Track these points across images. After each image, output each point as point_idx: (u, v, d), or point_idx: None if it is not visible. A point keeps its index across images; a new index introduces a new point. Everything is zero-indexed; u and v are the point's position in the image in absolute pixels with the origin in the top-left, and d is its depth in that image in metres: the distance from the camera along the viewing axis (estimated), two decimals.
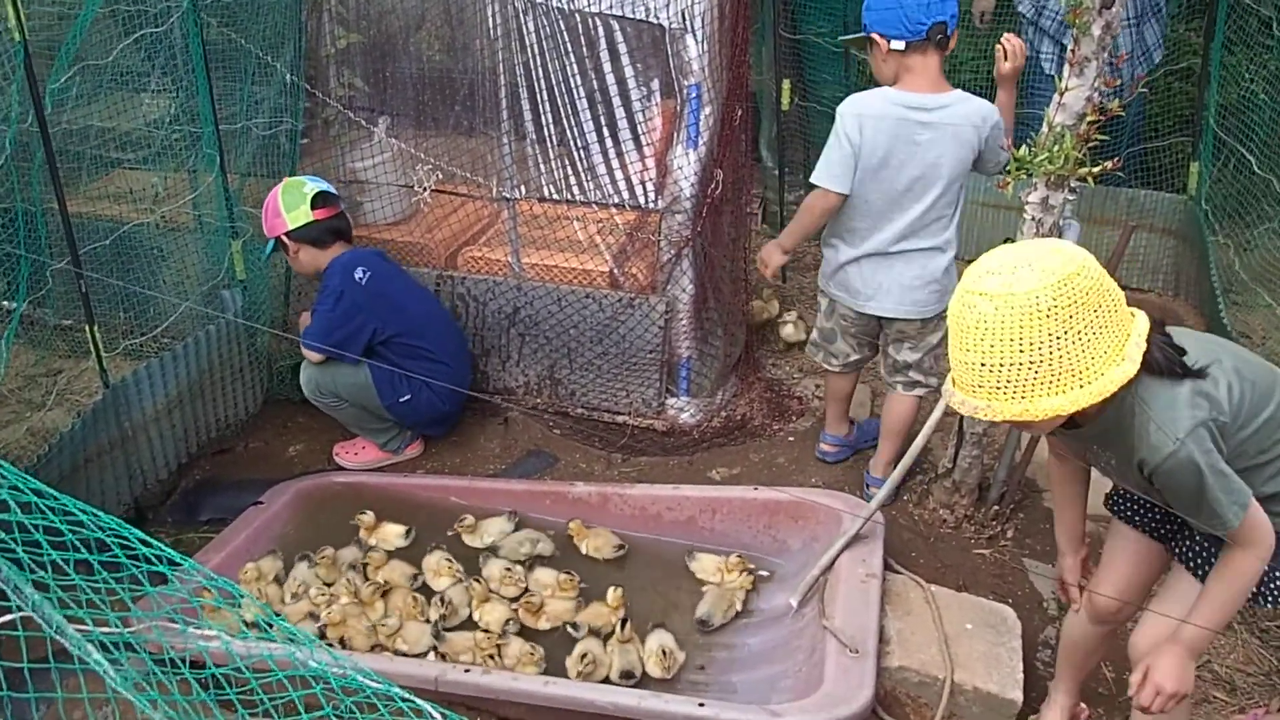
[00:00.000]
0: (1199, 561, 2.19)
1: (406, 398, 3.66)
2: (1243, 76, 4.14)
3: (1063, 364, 1.76)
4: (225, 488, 3.71)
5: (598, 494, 3.38)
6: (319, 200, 3.61)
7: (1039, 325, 1.73)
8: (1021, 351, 1.75)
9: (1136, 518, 2.39)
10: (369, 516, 3.35)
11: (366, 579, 3.09)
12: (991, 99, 3.12)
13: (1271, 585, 2.13)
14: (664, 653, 2.79)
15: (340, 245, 3.68)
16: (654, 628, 2.89)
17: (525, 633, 2.95)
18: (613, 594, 2.97)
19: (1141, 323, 1.85)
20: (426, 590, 3.11)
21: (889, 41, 2.98)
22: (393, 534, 3.35)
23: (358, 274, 3.55)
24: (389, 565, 3.20)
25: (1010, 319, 1.75)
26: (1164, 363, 1.88)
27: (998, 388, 1.80)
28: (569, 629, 2.94)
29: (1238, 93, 4.12)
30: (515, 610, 3.00)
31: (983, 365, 1.79)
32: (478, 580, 3.05)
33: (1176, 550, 2.29)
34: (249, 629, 2.41)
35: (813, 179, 3.14)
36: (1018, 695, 2.59)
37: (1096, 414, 1.92)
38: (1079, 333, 1.75)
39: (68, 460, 3.09)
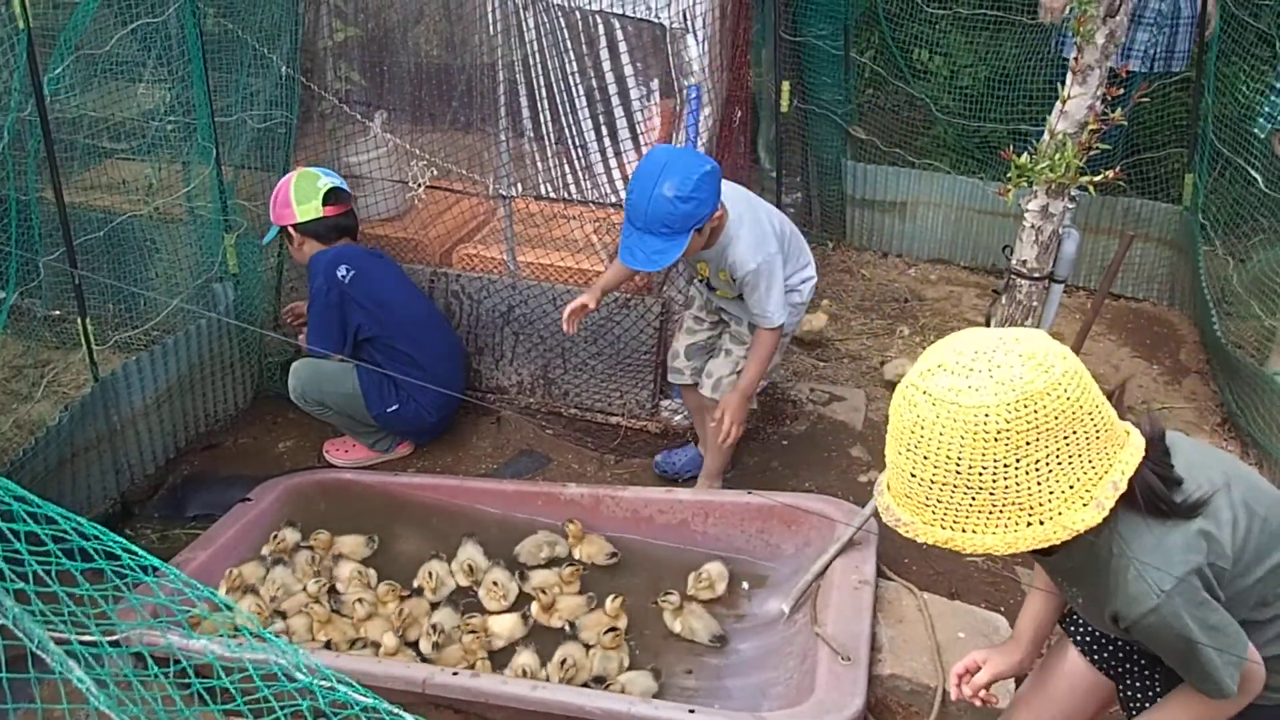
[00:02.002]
0: (1145, 707, 1.90)
1: (394, 407, 3.64)
2: (1238, 88, 4.13)
3: (1007, 497, 1.45)
4: (213, 484, 3.68)
5: (590, 496, 3.35)
6: (331, 197, 3.59)
7: (983, 448, 1.43)
8: (958, 474, 1.45)
9: (1094, 647, 2.04)
10: (325, 536, 3.27)
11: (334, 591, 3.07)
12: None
13: None
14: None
15: (344, 242, 3.66)
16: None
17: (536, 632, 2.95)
18: (611, 604, 2.93)
19: (1130, 453, 1.52)
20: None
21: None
22: (353, 544, 3.30)
23: (340, 271, 3.53)
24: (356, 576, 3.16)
25: (950, 433, 1.44)
26: (1151, 501, 1.56)
27: (924, 505, 1.51)
28: (568, 627, 2.93)
29: (1234, 103, 4.12)
30: (527, 613, 2.97)
31: (912, 476, 1.50)
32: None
33: (1124, 692, 1.98)
34: (234, 640, 2.38)
35: (771, 323, 3.09)
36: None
37: (1063, 547, 1.59)
38: (1035, 463, 1.43)
39: (54, 454, 3.06)
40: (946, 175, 5.07)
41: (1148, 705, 1.89)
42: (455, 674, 2.63)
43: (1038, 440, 1.43)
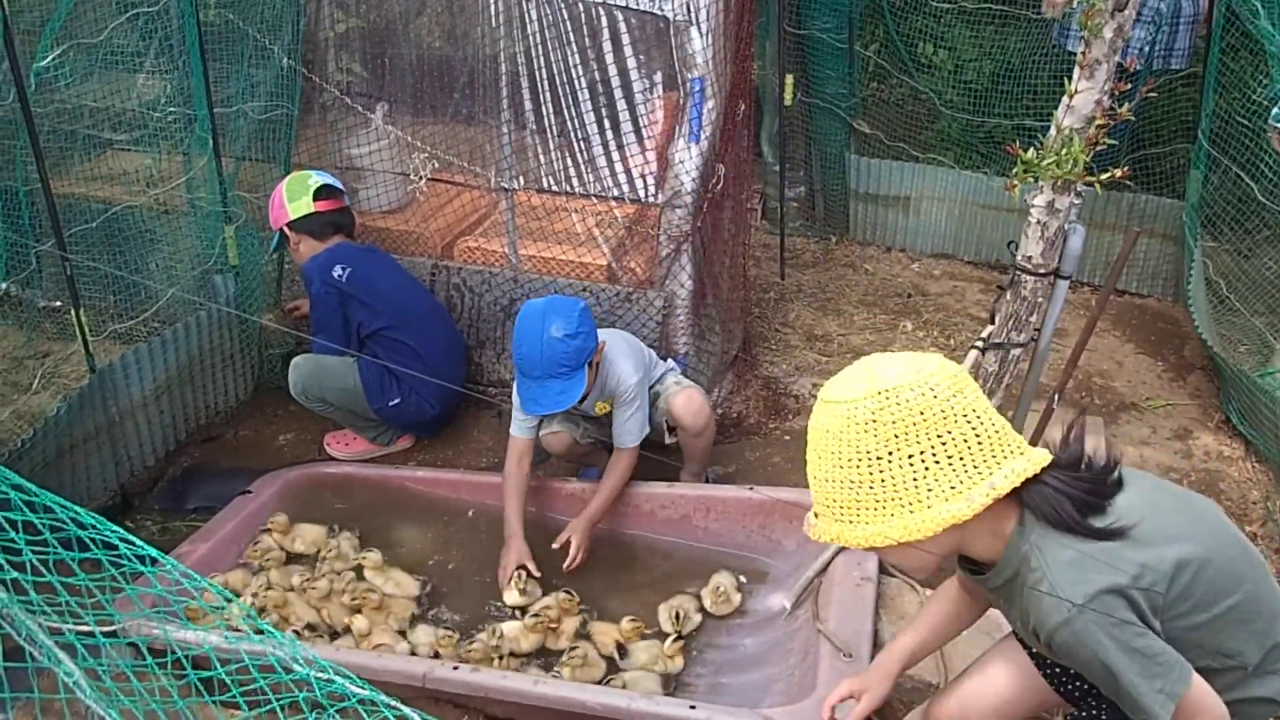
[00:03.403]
0: None
1: (396, 401, 3.63)
2: (1245, 84, 4.11)
3: (886, 491, 1.54)
4: (214, 476, 3.66)
5: (591, 490, 3.33)
6: (322, 193, 3.60)
7: (856, 439, 1.54)
8: (840, 467, 1.57)
9: (1053, 673, 2.03)
10: (282, 518, 3.25)
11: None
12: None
13: None
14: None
15: (339, 239, 3.65)
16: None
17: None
18: (628, 623, 2.89)
19: (1023, 463, 1.57)
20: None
21: None
22: (311, 535, 3.27)
23: (335, 272, 3.54)
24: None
25: (831, 427, 1.57)
26: (1055, 515, 1.60)
27: (825, 505, 1.62)
28: (617, 654, 2.87)
29: (1240, 100, 4.09)
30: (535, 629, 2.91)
31: (813, 478, 1.64)
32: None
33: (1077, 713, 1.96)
34: (232, 632, 2.36)
35: (632, 444, 3.15)
36: None
37: (990, 560, 1.70)
38: (909, 457, 1.53)
39: (53, 445, 3.04)
40: (951, 170, 5.05)
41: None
42: (455, 668, 2.62)
43: (907, 434, 1.53)
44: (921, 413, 1.53)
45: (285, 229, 3.63)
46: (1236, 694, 1.72)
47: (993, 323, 3.05)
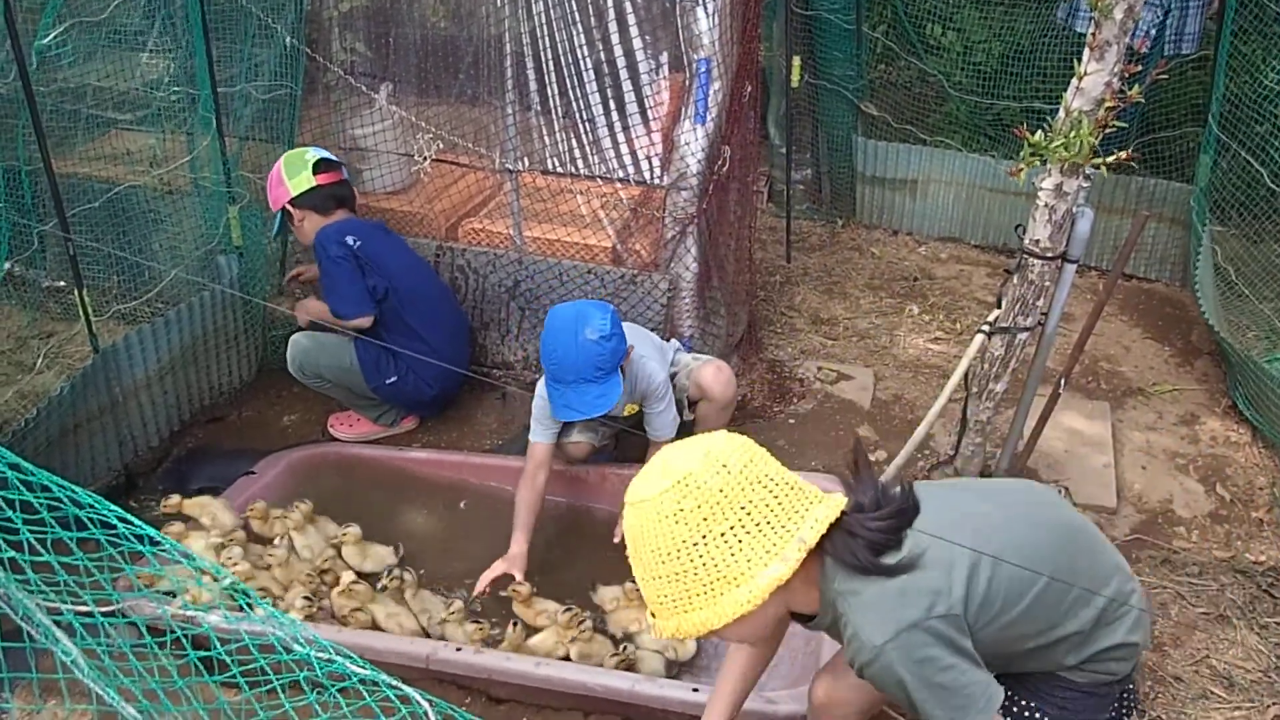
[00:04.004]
0: None
1: (392, 380, 3.62)
2: (1256, 68, 4.07)
3: (711, 573, 1.57)
4: (217, 456, 3.67)
5: (596, 473, 3.33)
6: (320, 166, 3.56)
7: (670, 532, 1.57)
8: (663, 563, 1.59)
9: None
10: (260, 505, 3.18)
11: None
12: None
13: None
14: None
15: (343, 213, 3.62)
16: None
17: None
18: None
19: (822, 510, 1.62)
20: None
21: None
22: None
23: (349, 240, 3.50)
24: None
25: (644, 528, 1.60)
26: (855, 558, 1.65)
27: (658, 603, 1.63)
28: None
29: (1251, 84, 4.05)
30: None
31: (642, 580, 1.65)
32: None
33: None
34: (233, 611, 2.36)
35: (669, 436, 3.17)
36: None
37: (812, 611, 1.76)
38: (722, 535, 1.55)
39: (56, 425, 3.04)
40: (958, 153, 5.01)
41: None
42: (459, 650, 2.62)
43: (714, 514, 1.56)
44: (721, 490, 1.57)
45: (288, 206, 3.58)
46: (1087, 651, 1.85)
47: (999, 307, 3.03)
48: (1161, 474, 3.58)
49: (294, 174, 3.55)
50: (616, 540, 3.06)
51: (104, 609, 1.20)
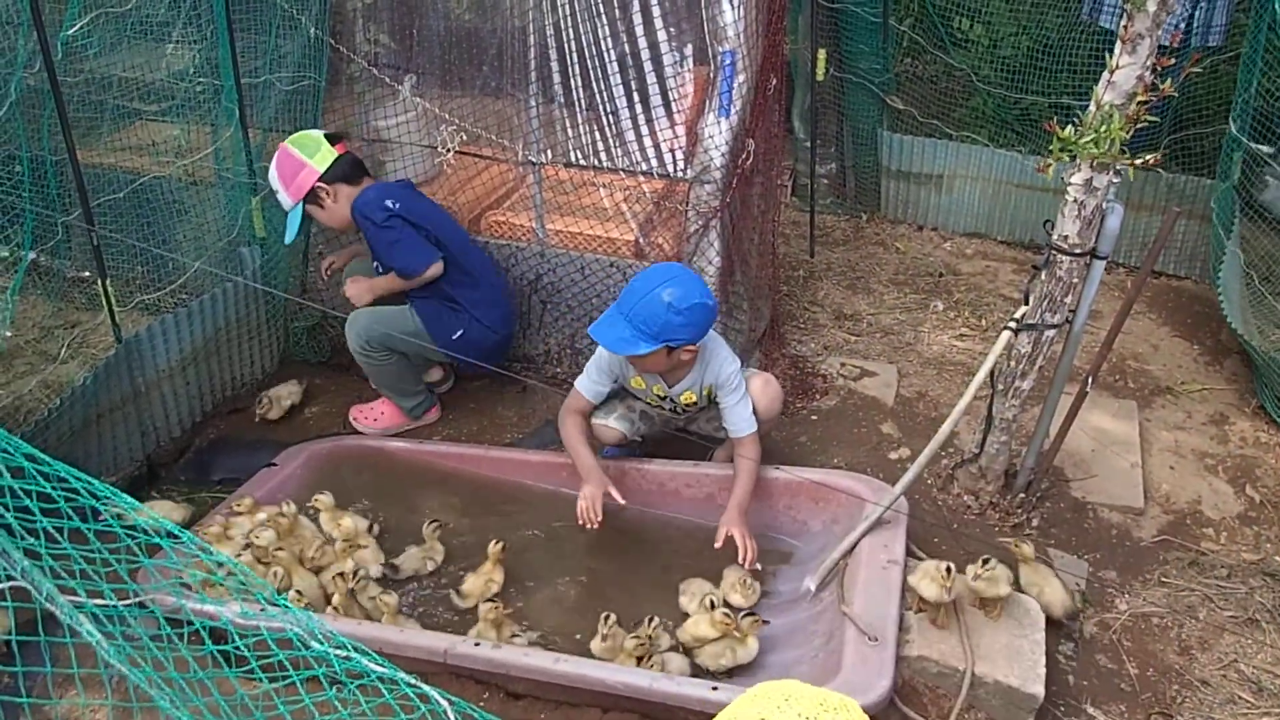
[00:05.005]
0: None
1: (460, 333, 3.55)
2: None
3: None
4: (239, 448, 3.67)
5: (615, 468, 3.31)
6: (332, 138, 3.51)
7: None
8: None
9: None
10: (248, 501, 3.16)
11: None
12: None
13: None
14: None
15: (368, 180, 3.57)
16: None
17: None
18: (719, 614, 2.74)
19: None
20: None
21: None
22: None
23: (388, 203, 3.43)
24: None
25: None
26: None
27: None
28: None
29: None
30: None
31: None
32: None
33: None
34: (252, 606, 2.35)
35: (749, 430, 3.13)
36: (1039, 689, 2.52)
37: None
38: None
39: (79, 415, 3.06)
40: (985, 148, 4.96)
41: None
42: (477, 644, 2.61)
43: None
44: None
45: (318, 186, 3.44)
46: None
47: (1026, 303, 2.99)
48: (1190, 474, 3.53)
49: (312, 152, 3.45)
50: (718, 546, 2.98)
51: (125, 603, 1.19)
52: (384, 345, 3.54)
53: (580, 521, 3.06)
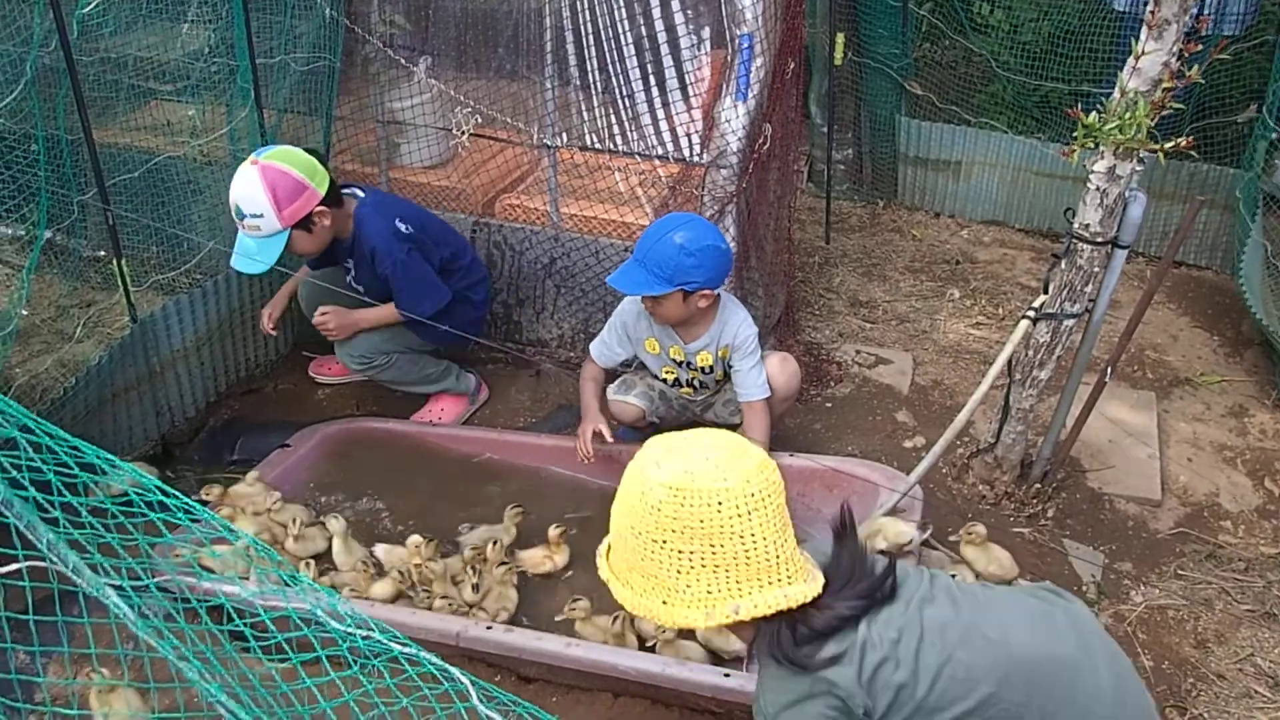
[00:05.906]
0: None
1: (445, 326, 3.41)
2: None
3: (650, 569, 1.63)
4: (253, 429, 3.68)
5: (629, 452, 3.29)
6: (316, 155, 3.24)
7: (642, 514, 1.62)
8: (629, 525, 1.66)
9: None
10: (217, 489, 3.12)
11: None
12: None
13: None
14: None
15: (346, 199, 3.33)
16: None
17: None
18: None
19: (773, 598, 1.61)
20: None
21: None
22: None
23: (400, 228, 3.33)
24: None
25: (630, 490, 1.67)
26: (776, 644, 1.65)
27: (614, 547, 1.74)
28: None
29: None
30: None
31: (614, 513, 1.74)
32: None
33: None
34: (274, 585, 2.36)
35: (760, 396, 3.15)
36: None
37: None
38: (679, 552, 1.59)
39: (95, 394, 3.06)
40: (1004, 134, 4.92)
41: None
42: (490, 628, 2.61)
43: (682, 533, 1.58)
44: (701, 521, 1.57)
45: (316, 212, 3.15)
46: None
47: (1045, 292, 2.96)
48: (1208, 467, 3.51)
49: (312, 173, 3.13)
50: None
51: (138, 581, 1.19)
52: (381, 350, 3.52)
53: (578, 459, 3.22)
